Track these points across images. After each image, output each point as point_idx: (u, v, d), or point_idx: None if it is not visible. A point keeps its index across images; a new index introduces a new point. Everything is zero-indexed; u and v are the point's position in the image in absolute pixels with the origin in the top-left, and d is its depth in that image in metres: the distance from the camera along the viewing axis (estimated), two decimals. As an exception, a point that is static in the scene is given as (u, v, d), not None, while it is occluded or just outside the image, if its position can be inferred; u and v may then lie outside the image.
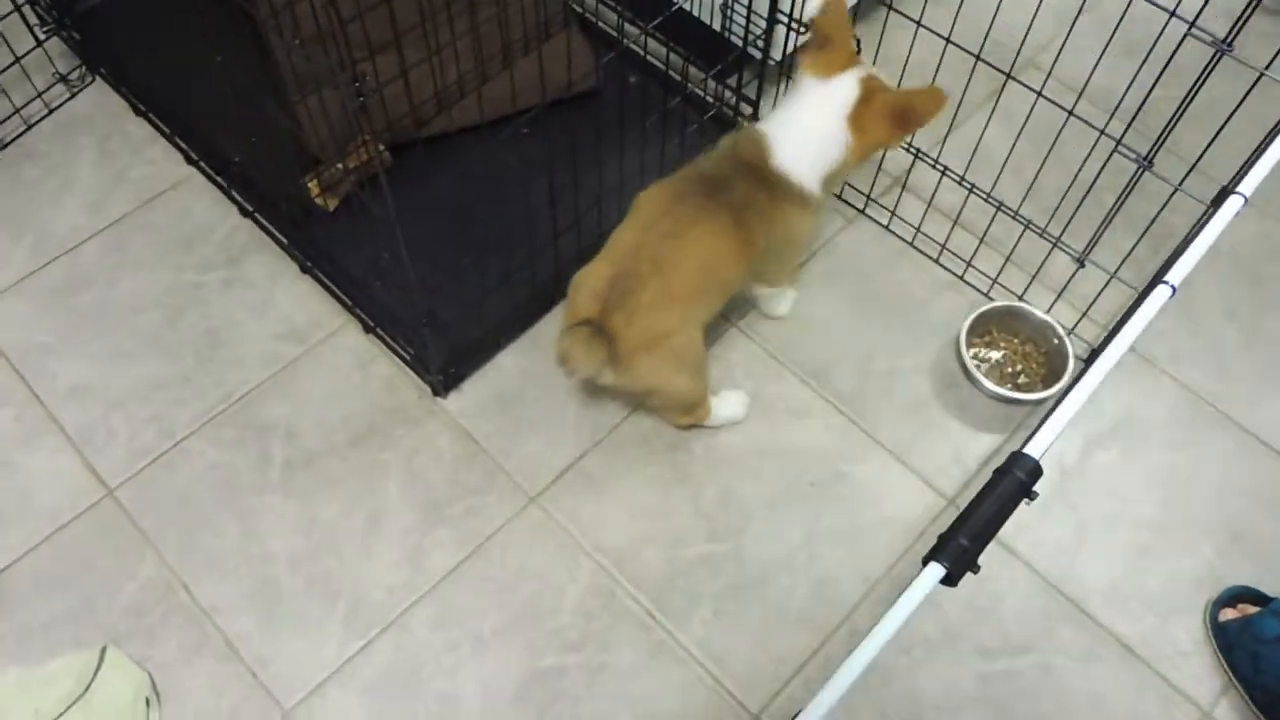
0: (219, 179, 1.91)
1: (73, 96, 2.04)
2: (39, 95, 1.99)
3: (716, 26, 1.91)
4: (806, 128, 1.48)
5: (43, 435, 1.64)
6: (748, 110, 1.98)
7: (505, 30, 1.85)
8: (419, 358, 1.68)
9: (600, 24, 2.10)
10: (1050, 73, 1.56)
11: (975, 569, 0.89)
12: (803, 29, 1.69)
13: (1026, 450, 0.94)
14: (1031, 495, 0.93)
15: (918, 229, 1.86)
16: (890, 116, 1.45)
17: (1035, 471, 0.93)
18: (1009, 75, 1.54)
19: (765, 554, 1.57)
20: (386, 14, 1.67)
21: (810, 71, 1.47)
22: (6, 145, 1.96)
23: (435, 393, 1.68)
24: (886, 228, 1.90)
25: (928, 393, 1.73)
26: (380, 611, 1.50)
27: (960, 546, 0.88)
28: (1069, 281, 1.75)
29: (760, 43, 1.86)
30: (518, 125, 1.56)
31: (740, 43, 1.88)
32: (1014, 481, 0.92)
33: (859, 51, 1.51)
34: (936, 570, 0.89)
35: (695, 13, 1.92)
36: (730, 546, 1.57)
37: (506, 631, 1.49)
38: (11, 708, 1.40)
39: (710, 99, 2.00)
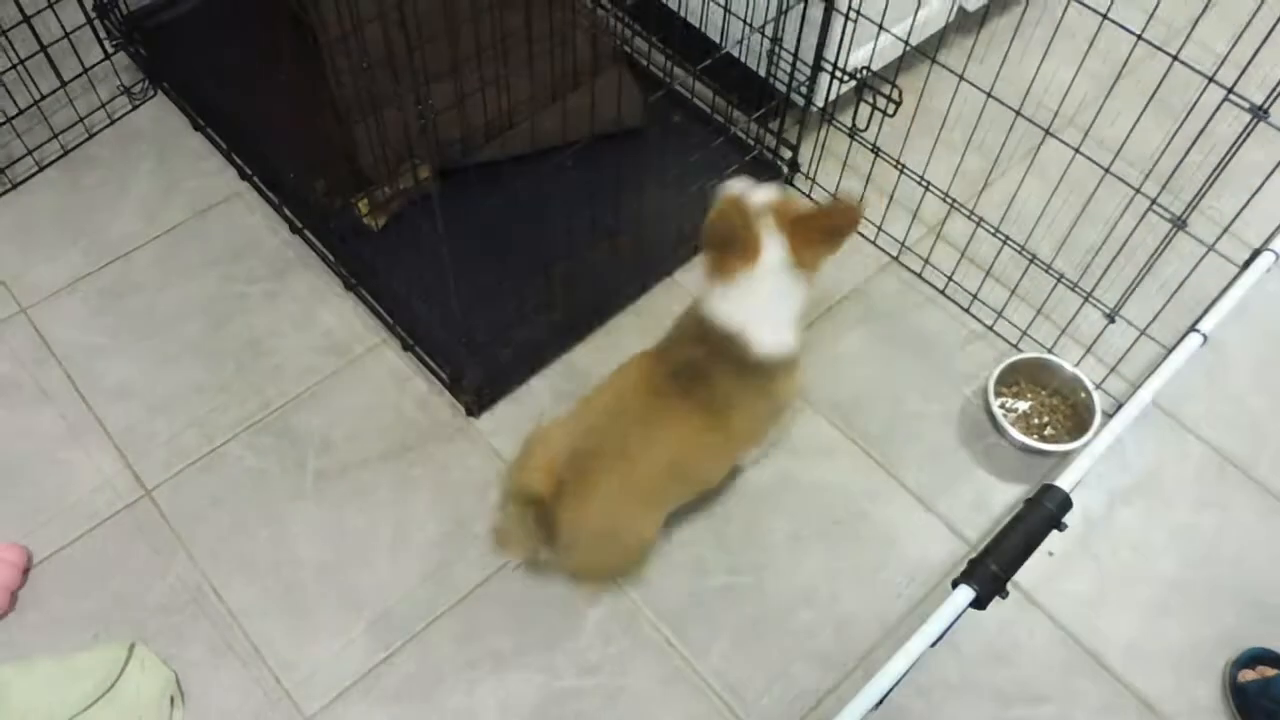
0: (270, 194, 1.96)
1: (135, 109, 2.11)
2: (103, 106, 2.06)
3: (761, 72, 1.95)
4: (764, 310, 1.40)
5: (86, 434, 1.68)
6: (787, 154, 2.02)
7: (558, 64, 1.90)
8: (455, 377, 1.72)
9: (649, 65, 2.15)
10: (1088, 132, 1.60)
11: (1004, 594, 0.90)
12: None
13: (1057, 483, 0.96)
14: (1061, 526, 0.95)
15: (950, 277, 1.88)
16: (823, 242, 1.39)
17: (1065, 504, 0.95)
18: (1047, 132, 1.57)
19: (786, 589, 1.58)
20: (446, 43, 1.73)
21: (741, 271, 1.38)
22: (69, 152, 2.02)
23: (469, 412, 1.72)
24: (919, 275, 1.92)
25: (954, 439, 1.74)
26: (404, 624, 1.52)
27: (991, 572, 0.90)
28: (1099, 336, 1.77)
29: (803, 90, 1.91)
30: (565, 156, 1.60)
31: (784, 89, 1.93)
32: (1044, 512, 0.94)
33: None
34: (967, 593, 0.90)
35: (741, 58, 1.97)
36: (752, 579, 1.59)
37: (527, 650, 1.51)
38: (39, 699, 1.42)
39: (751, 141, 2.04)
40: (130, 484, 1.63)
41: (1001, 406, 1.76)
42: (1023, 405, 1.78)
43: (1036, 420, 1.76)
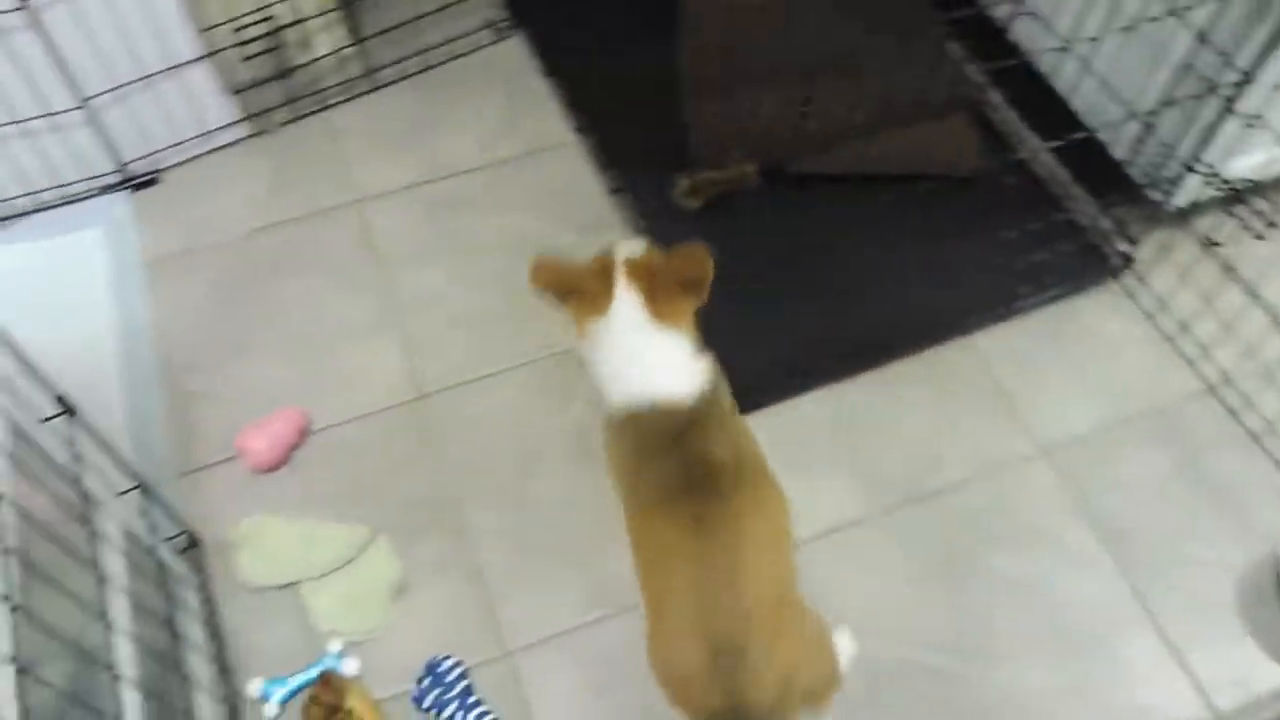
0: (601, 152, 2.02)
1: (495, 43, 2.23)
2: (468, 35, 2.18)
3: (1121, 156, 1.84)
4: (647, 350, 1.27)
5: (385, 327, 1.80)
6: (1122, 247, 1.89)
7: (908, 94, 1.87)
8: (726, 373, 1.71)
9: (997, 117, 2.06)
10: None
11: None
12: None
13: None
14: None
15: (1271, 423, 1.71)
16: (682, 294, 1.28)
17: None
18: None
19: (999, 688, 1.49)
20: (808, 45, 1.73)
21: (588, 319, 1.29)
22: (430, 69, 2.16)
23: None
24: (1235, 413, 1.76)
25: (1229, 597, 1.59)
26: (619, 595, 1.54)
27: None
28: None
29: (1166, 187, 1.78)
30: (889, 187, 1.57)
31: (1142, 181, 1.81)
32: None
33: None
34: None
35: (1102, 138, 1.86)
36: (965, 665, 1.51)
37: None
38: (287, 552, 1.54)
39: (1084, 220, 1.93)
40: (410, 384, 1.73)
41: (1294, 579, 1.59)
42: (1319, 586, 1.60)
43: (1330, 607, 1.58)
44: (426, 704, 1.41)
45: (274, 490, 1.62)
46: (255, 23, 1.89)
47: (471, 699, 1.42)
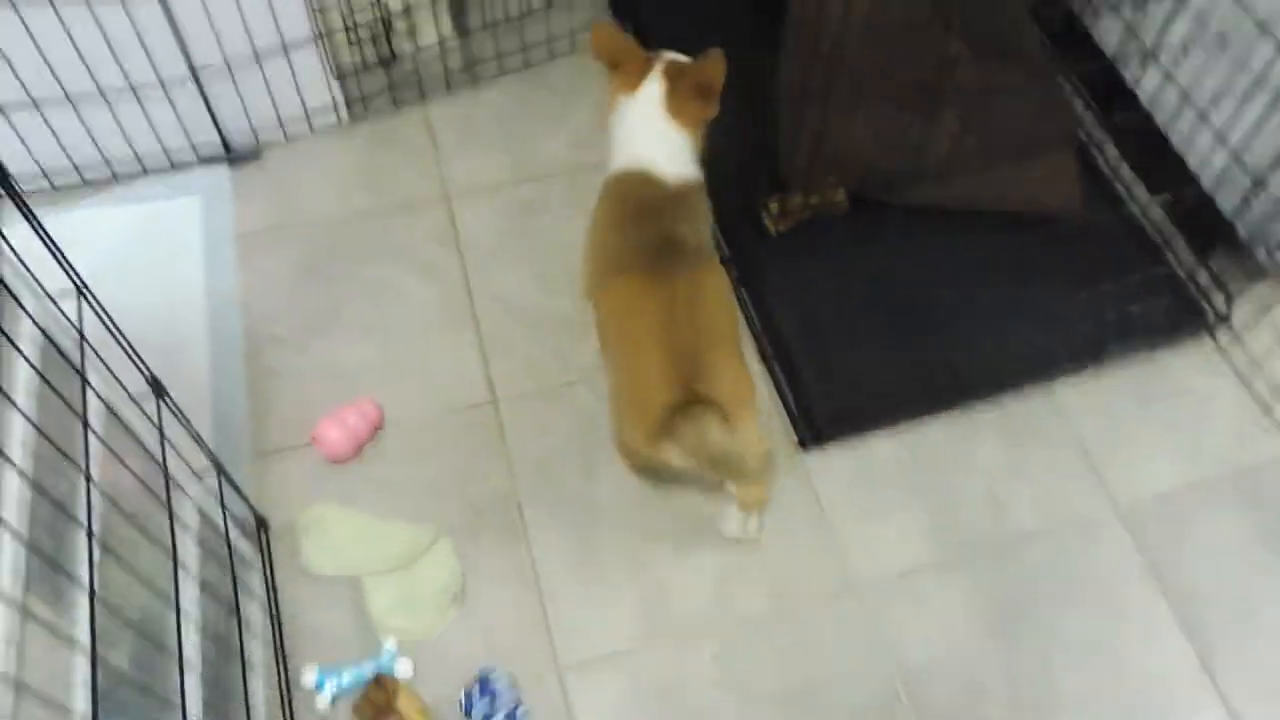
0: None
1: (593, 43, 2.22)
2: (570, 35, 2.18)
3: (1226, 207, 1.77)
4: (655, 133, 1.54)
5: (460, 325, 1.81)
6: (1219, 300, 1.83)
7: (1010, 129, 1.82)
8: (802, 405, 1.70)
9: (1103, 164, 2.00)
10: None
11: None
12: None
13: None
14: None
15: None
16: (697, 97, 1.54)
17: None
18: None
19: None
20: (913, 72, 1.69)
21: (621, 94, 1.57)
22: (530, 67, 2.16)
23: (801, 444, 1.69)
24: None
25: (1303, 681, 1.53)
26: (676, 624, 1.54)
27: None
28: None
29: (1271, 245, 1.71)
30: (1015, 227, 1.53)
31: (1247, 235, 1.74)
32: None
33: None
34: None
35: (1203, 180, 1.79)
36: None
37: (779, 698, 1.48)
38: (351, 546, 1.56)
39: (1181, 272, 1.86)
40: (482, 386, 1.74)
41: (1375, 669, 1.53)
42: (1401, 678, 1.53)
43: None
44: (475, 715, 1.42)
45: (344, 481, 1.64)
46: (367, 7, 1.91)
47: (520, 715, 1.42)
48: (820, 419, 1.68)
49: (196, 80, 1.86)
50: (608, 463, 1.66)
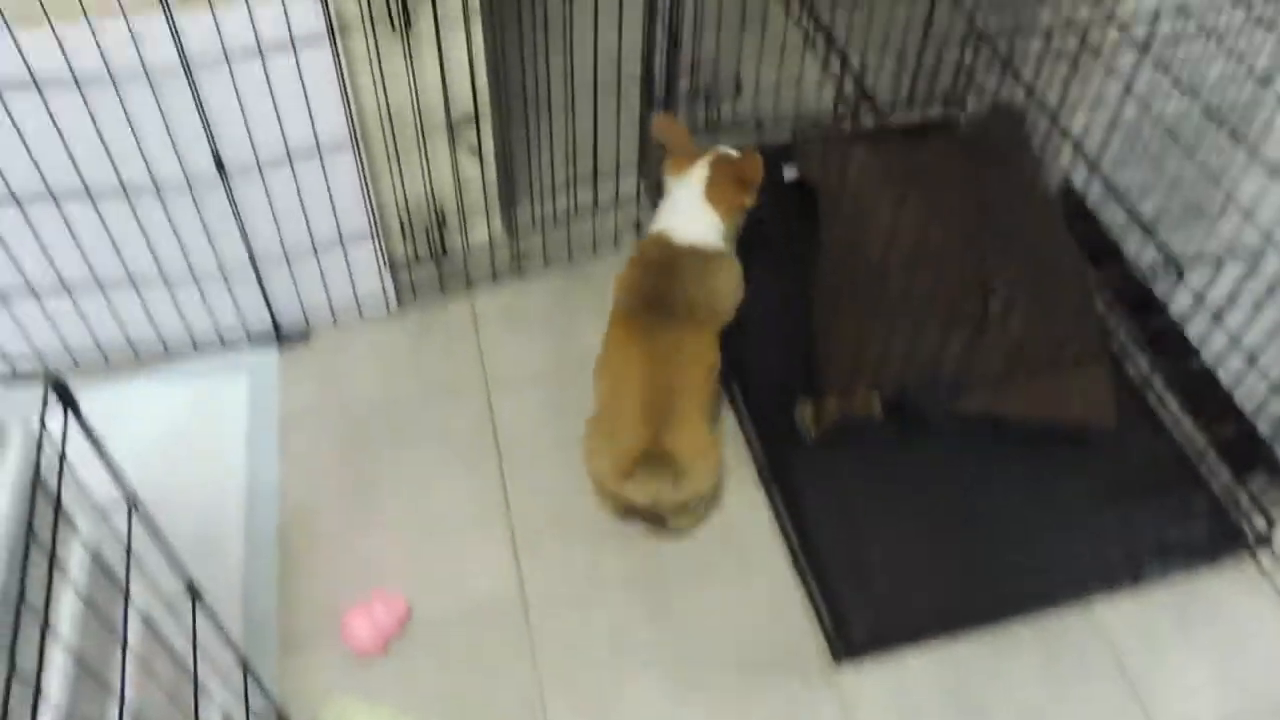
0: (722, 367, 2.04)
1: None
2: (614, 235, 2.25)
3: (1265, 431, 1.78)
4: (682, 211, 1.82)
5: (492, 519, 1.82)
6: (1260, 523, 1.81)
7: (1047, 340, 1.84)
8: (837, 621, 1.67)
9: (1138, 380, 2.02)
10: None
11: None
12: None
13: None
14: None
15: None
16: (735, 187, 1.82)
17: None
18: None
19: None
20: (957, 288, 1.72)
21: (671, 174, 1.87)
22: (573, 261, 2.23)
23: (835, 657, 1.66)
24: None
25: None
26: None
27: None
28: None
29: (1313, 473, 1.71)
30: (1050, 440, 1.53)
31: (1287, 462, 1.74)
32: None
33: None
34: None
35: (1247, 410, 1.80)
36: None
37: None
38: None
39: (1218, 490, 1.85)
40: (513, 586, 1.74)
41: None
42: None
43: None
44: None
45: (367, 676, 1.62)
46: (422, 205, 2.00)
47: None
48: (858, 633, 1.65)
49: (255, 269, 1.94)
50: (635, 680, 1.63)
